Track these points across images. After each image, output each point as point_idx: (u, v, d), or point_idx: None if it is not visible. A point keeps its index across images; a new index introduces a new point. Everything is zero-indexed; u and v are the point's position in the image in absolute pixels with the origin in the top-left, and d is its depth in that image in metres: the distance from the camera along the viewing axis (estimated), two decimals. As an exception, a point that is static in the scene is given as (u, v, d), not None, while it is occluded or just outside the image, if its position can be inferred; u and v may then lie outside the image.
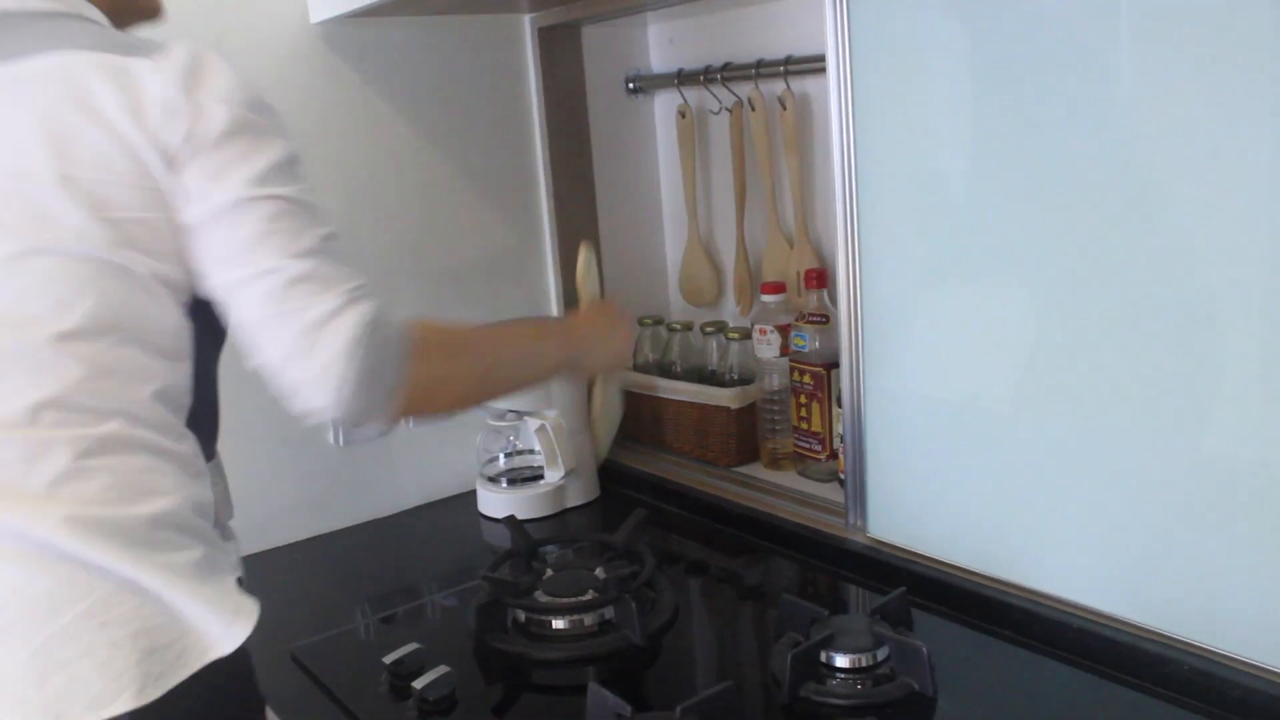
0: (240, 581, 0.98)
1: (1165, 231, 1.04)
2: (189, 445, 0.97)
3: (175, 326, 0.96)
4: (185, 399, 0.98)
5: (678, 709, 1.03)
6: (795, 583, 1.45)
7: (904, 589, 1.25)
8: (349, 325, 0.92)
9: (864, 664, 1.15)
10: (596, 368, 1.30)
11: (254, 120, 0.95)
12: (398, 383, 0.97)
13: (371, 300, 0.95)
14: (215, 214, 0.92)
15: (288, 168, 0.96)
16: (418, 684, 1.17)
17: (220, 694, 0.90)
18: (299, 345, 0.92)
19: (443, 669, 1.18)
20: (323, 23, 1.63)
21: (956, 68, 1.20)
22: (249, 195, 0.92)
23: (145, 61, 0.93)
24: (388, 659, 1.22)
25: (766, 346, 1.68)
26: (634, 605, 1.26)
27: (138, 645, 0.85)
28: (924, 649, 1.12)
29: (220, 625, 0.90)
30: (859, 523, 1.43)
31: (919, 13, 1.22)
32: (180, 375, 0.97)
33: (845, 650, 1.15)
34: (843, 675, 1.15)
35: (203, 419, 1.01)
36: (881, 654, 1.15)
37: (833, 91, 1.32)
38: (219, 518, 1.02)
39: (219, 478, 1.07)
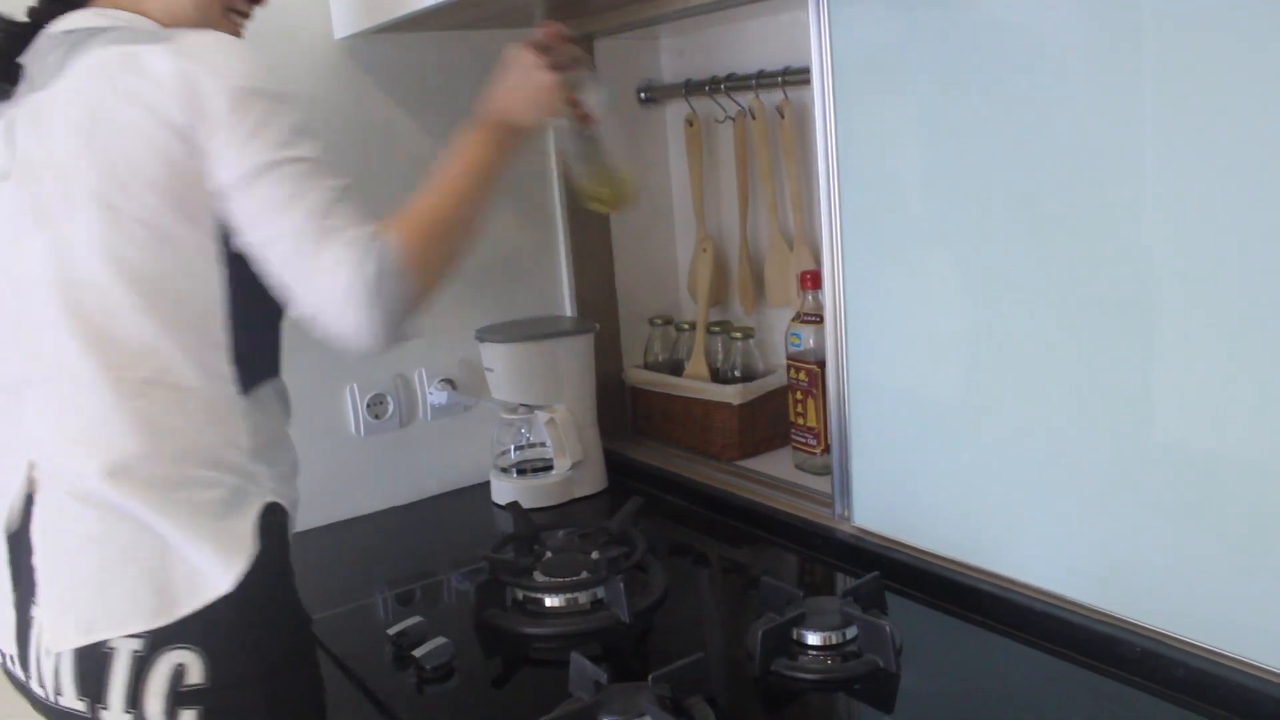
0: (273, 506, 1.09)
1: (1123, 230, 1.10)
2: (222, 383, 1.08)
3: (200, 274, 1.06)
4: (219, 337, 1.08)
5: (650, 677, 1.11)
6: (782, 568, 1.53)
7: (877, 573, 1.32)
8: (363, 278, 1.03)
9: (833, 641, 1.22)
10: (529, 120, 1.26)
11: (262, 91, 1.04)
12: (411, 298, 1.07)
13: (379, 243, 1.05)
14: (244, 178, 1.02)
15: (301, 130, 1.06)
16: (417, 653, 1.26)
17: (243, 617, 1.03)
18: (328, 300, 1.04)
19: (441, 640, 1.28)
20: (346, 38, 1.73)
21: (927, 80, 1.27)
22: (270, 159, 1.03)
23: (156, 46, 1.03)
24: (391, 630, 1.31)
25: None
26: (622, 586, 1.34)
27: (156, 581, 1.01)
28: (888, 628, 1.19)
29: (221, 566, 1.02)
30: (845, 512, 1.50)
31: (896, 28, 1.29)
32: (211, 319, 1.07)
33: (816, 628, 1.23)
34: (813, 652, 1.22)
35: (250, 353, 1.11)
36: (850, 633, 1.23)
37: (817, 102, 1.40)
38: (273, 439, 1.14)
39: (276, 402, 1.18)
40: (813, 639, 1.23)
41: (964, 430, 1.32)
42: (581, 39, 1.91)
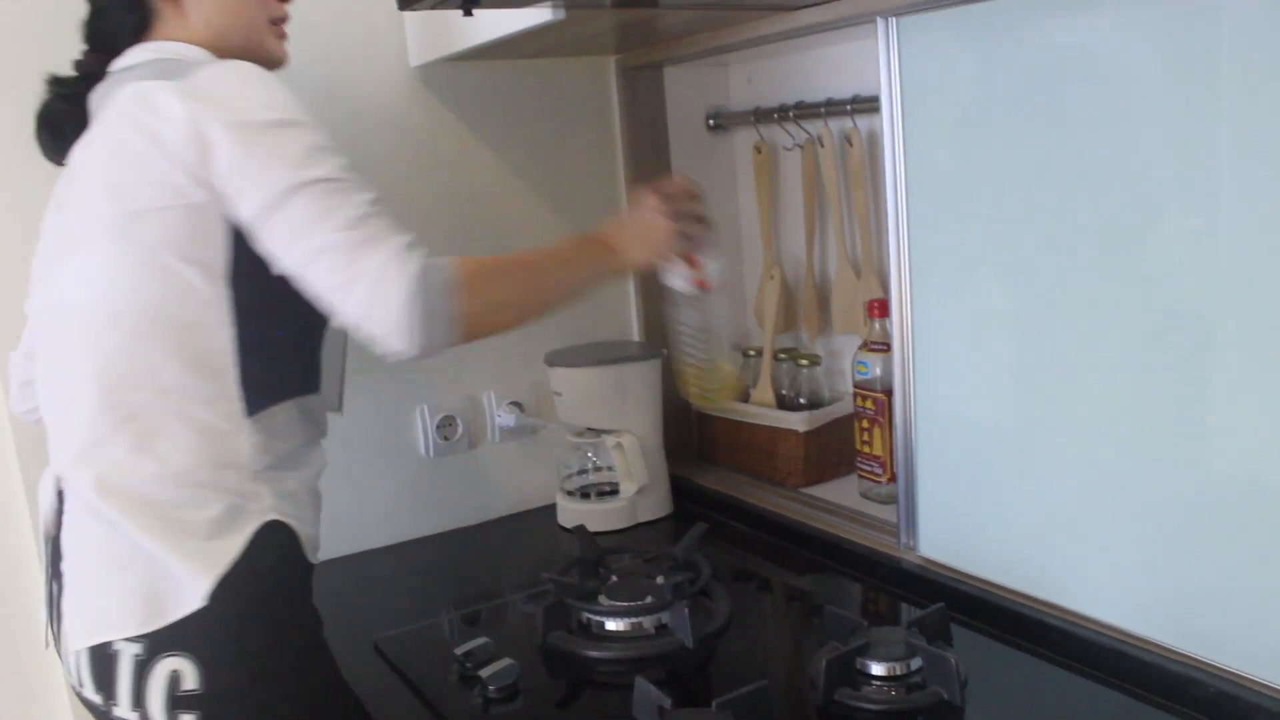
0: (275, 524, 1.14)
1: (1189, 259, 1.09)
2: (225, 405, 1.12)
3: (208, 303, 1.11)
4: (224, 362, 1.12)
5: (714, 703, 1.11)
6: (847, 597, 1.52)
7: (942, 604, 1.32)
8: (405, 279, 1.05)
9: (897, 672, 1.22)
10: (635, 256, 1.30)
11: (269, 122, 1.08)
12: (456, 315, 1.09)
13: (418, 251, 1.08)
14: (267, 207, 1.06)
15: (318, 150, 1.08)
16: (484, 673, 1.27)
17: (241, 630, 1.10)
18: (367, 305, 1.05)
19: (507, 661, 1.29)
20: (421, 66, 1.77)
21: (995, 108, 1.27)
22: (291, 184, 1.05)
23: (169, 84, 1.09)
24: (458, 650, 1.33)
25: (675, 276, 1.47)
26: (686, 611, 1.34)
27: (146, 590, 1.07)
28: (953, 660, 1.19)
29: (195, 580, 1.07)
30: (910, 542, 1.49)
31: (965, 56, 1.30)
32: (216, 345, 1.12)
33: (880, 659, 1.23)
34: (876, 682, 1.22)
35: (262, 376, 1.15)
36: (915, 664, 1.22)
37: (886, 130, 1.41)
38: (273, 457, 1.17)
39: (296, 421, 1.21)
40: (877, 669, 1.22)
41: (1031, 460, 1.31)
42: (651, 66, 1.94)
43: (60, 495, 1.15)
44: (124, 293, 1.09)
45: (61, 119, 1.21)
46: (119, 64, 1.18)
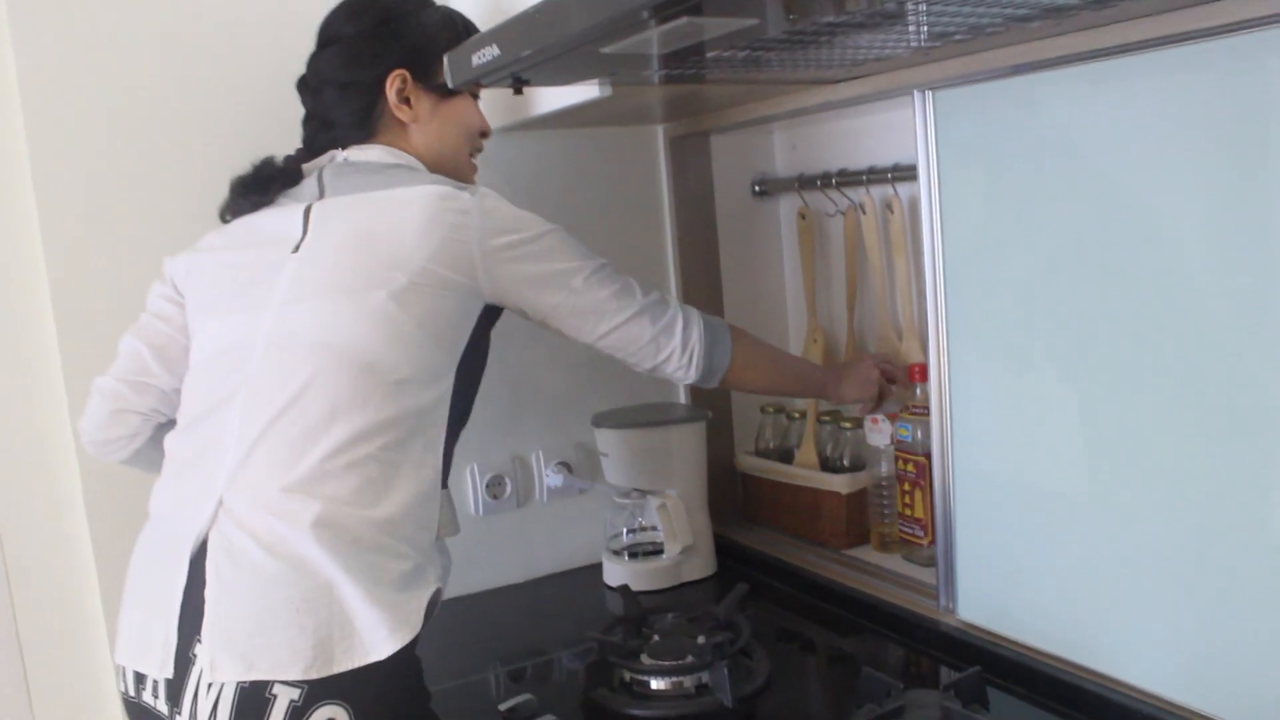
0: (438, 592, 1.24)
1: (1230, 323, 1.11)
2: (433, 473, 1.25)
3: (441, 378, 1.27)
4: (439, 434, 1.27)
5: (749, 762, 1.14)
6: (886, 659, 1.54)
7: (978, 668, 1.33)
8: (694, 318, 1.42)
9: (932, 736, 1.23)
10: (845, 392, 1.64)
11: (553, 231, 1.36)
12: (729, 352, 1.44)
13: (689, 309, 1.43)
14: (572, 295, 1.34)
15: (585, 248, 1.38)
16: (525, 730, 1.31)
17: (389, 680, 1.15)
18: (669, 353, 1.39)
19: (550, 718, 1.32)
20: (477, 136, 1.83)
21: (1033, 176, 1.31)
22: (588, 271, 1.36)
23: (463, 194, 1.30)
24: (502, 706, 1.37)
25: (878, 434, 1.78)
26: (726, 671, 1.37)
27: (318, 635, 1.11)
28: (987, 724, 1.20)
29: (384, 634, 1.13)
30: (949, 605, 1.51)
31: (1002, 125, 1.34)
32: (439, 418, 1.27)
33: (915, 721, 1.24)
34: (913, 746, 1.23)
35: (449, 455, 1.31)
36: (950, 727, 1.24)
37: (923, 198, 1.46)
38: (440, 535, 1.30)
39: (447, 502, 1.33)
40: (913, 732, 1.24)
41: (1070, 525, 1.32)
42: (698, 135, 1.99)
43: (215, 519, 1.17)
44: (384, 351, 1.21)
45: (245, 191, 1.37)
46: (350, 154, 1.39)
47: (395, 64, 1.39)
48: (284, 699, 1.09)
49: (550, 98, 1.54)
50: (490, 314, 1.35)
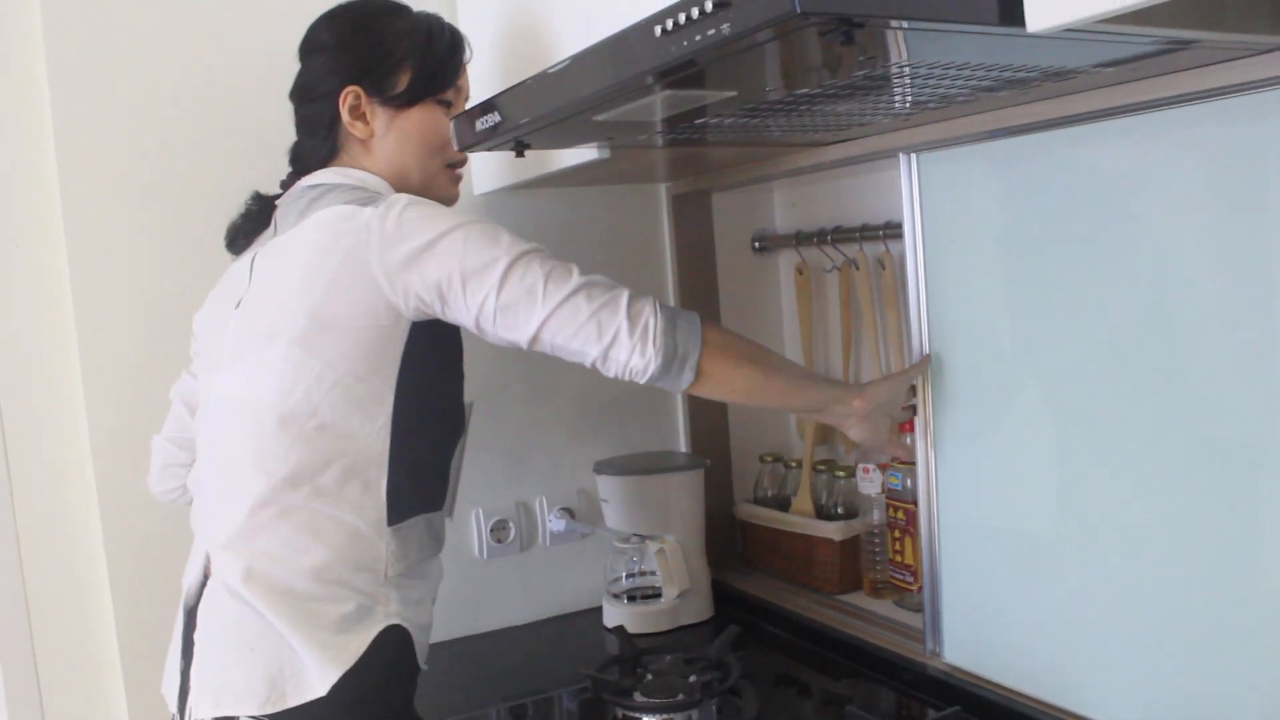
0: (395, 628, 1.25)
1: (1211, 378, 1.16)
2: (372, 513, 1.24)
3: (371, 418, 1.23)
4: (375, 474, 1.24)
5: (729, 795, 1.19)
6: (874, 701, 1.58)
7: (958, 708, 1.38)
8: (646, 301, 1.23)
9: (911, 773, 1.28)
10: (855, 431, 1.43)
11: (462, 221, 1.23)
12: (698, 335, 1.24)
13: (646, 295, 1.25)
14: (495, 288, 1.20)
15: (516, 238, 1.25)
16: (519, 763, 1.36)
17: (359, 716, 1.20)
18: (614, 331, 1.21)
19: (543, 753, 1.38)
20: (485, 194, 1.91)
21: (1019, 234, 1.37)
22: (508, 261, 1.21)
23: (371, 210, 1.21)
24: (498, 742, 1.42)
25: (869, 483, 1.83)
26: (714, 709, 1.42)
27: (269, 672, 1.17)
28: (963, 761, 1.25)
29: (321, 671, 1.17)
30: (935, 648, 1.56)
31: (984, 187, 1.41)
32: (372, 457, 1.24)
33: (894, 758, 1.29)
34: (892, 782, 1.28)
35: (405, 490, 1.27)
36: (928, 765, 1.28)
37: (909, 255, 1.53)
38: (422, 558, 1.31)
39: (424, 534, 1.33)
40: (892, 769, 1.29)
41: (1054, 570, 1.37)
42: (699, 193, 2.07)
43: (206, 571, 1.25)
44: (298, 399, 1.21)
45: (232, 237, 1.40)
46: (308, 180, 1.34)
47: (349, 79, 1.34)
48: None
49: (553, 158, 1.62)
50: (431, 326, 1.26)
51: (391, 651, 1.23)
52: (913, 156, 1.51)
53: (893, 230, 1.79)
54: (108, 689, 1.73)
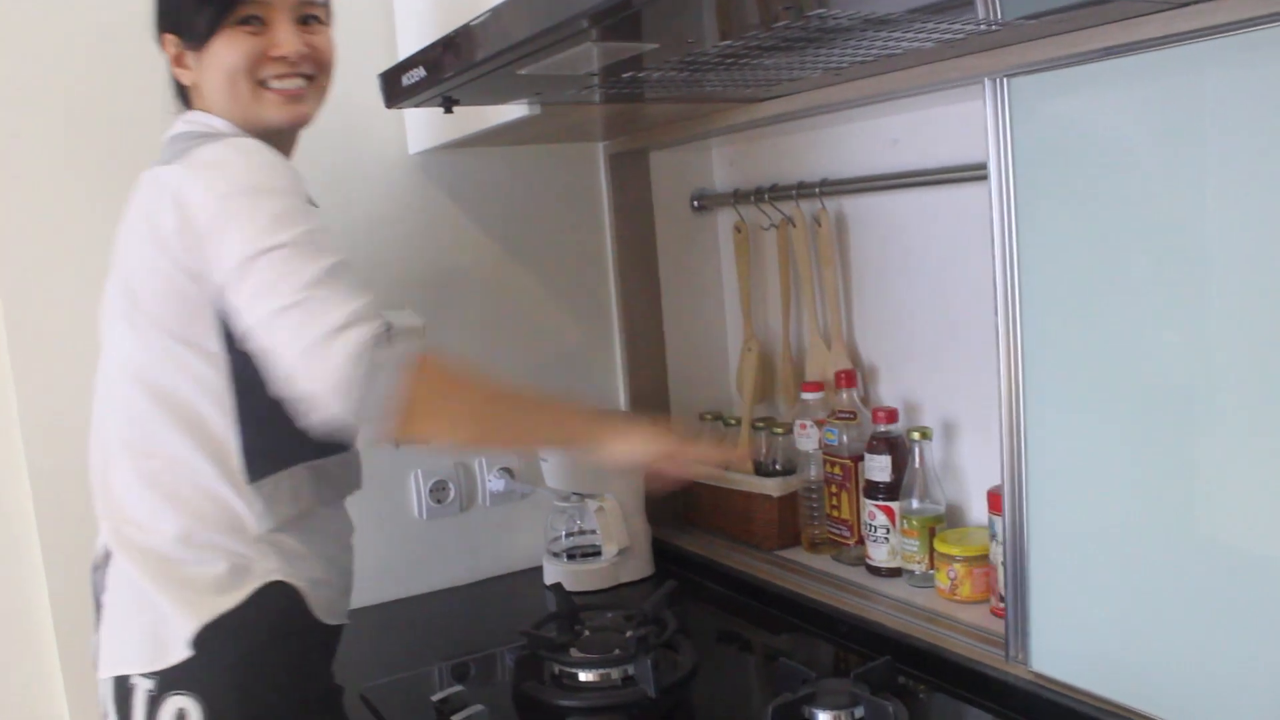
0: (279, 584, 1.23)
1: None
2: (229, 473, 1.22)
3: (205, 379, 1.20)
4: (225, 434, 1.21)
5: (662, 745, 1.20)
6: (809, 652, 1.60)
7: (888, 657, 1.40)
8: (352, 339, 1.05)
9: (842, 720, 1.30)
10: (609, 458, 1.23)
11: (242, 189, 1.13)
12: (396, 394, 1.07)
13: (373, 321, 1.08)
14: (232, 276, 1.10)
15: (284, 217, 1.11)
16: (454, 719, 1.36)
17: (248, 676, 1.20)
18: (308, 358, 1.06)
19: (478, 707, 1.38)
20: (420, 153, 1.90)
21: (1116, 171, 1.17)
22: (251, 252, 1.09)
23: (169, 168, 1.17)
24: (434, 698, 1.42)
25: (806, 439, 1.84)
26: (649, 663, 1.43)
27: (152, 630, 1.19)
28: (890, 708, 1.27)
29: (182, 627, 1.18)
30: (867, 604, 1.58)
31: (1079, 121, 1.21)
32: (217, 419, 1.20)
33: (825, 707, 1.30)
34: (824, 730, 1.30)
35: (263, 445, 1.23)
36: (858, 712, 1.30)
37: (995, 197, 1.30)
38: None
39: (306, 486, 1.28)
40: (822, 717, 1.30)
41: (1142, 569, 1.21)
42: (637, 152, 2.06)
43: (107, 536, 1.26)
44: (137, 368, 1.21)
45: None
46: (167, 133, 1.28)
47: (164, 28, 1.28)
48: (141, 689, 1.18)
49: (485, 116, 1.60)
50: None
51: (275, 608, 1.22)
52: (1002, 81, 1.27)
53: (829, 187, 1.80)
54: (43, 661, 1.71)
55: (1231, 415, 1.09)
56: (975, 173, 1.48)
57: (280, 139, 1.29)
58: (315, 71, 1.29)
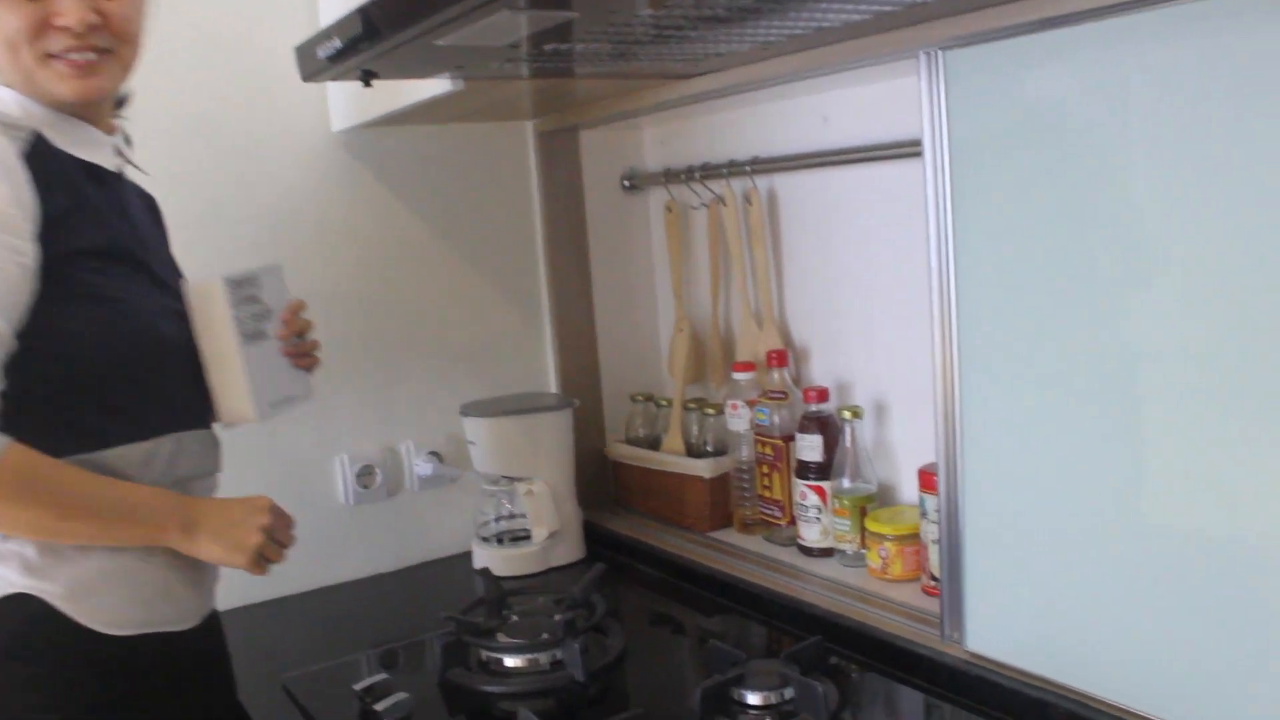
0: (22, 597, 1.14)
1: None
2: None
3: None
4: None
5: (588, 731, 1.18)
6: (741, 634, 1.59)
7: (819, 637, 1.39)
8: None
9: (771, 701, 1.28)
10: (209, 556, 1.21)
11: None
12: None
13: None
14: None
15: None
16: (379, 707, 1.33)
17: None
18: None
19: (402, 695, 1.35)
20: (343, 131, 1.85)
21: (1055, 151, 1.15)
22: None
23: None
24: (357, 686, 1.39)
25: (738, 420, 1.83)
26: (578, 647, 1.41)
27: None
28: (820, 689, 1.26)
29: None
30: (799, 584, 1.57)
31: (1016, 95, 1.18)
32: None
33: (754, 688, 1.29)
34: (753, 711, 1.28)
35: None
36: (787, 693, 1.29)
37: (929, 175, 1.27)
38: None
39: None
40: (752, 699, 1.29)
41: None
42: (567, 130, 2.03)
43: None
44: None
45: None
46: None
47: None
48: None
49: (407, 91, 1.56)
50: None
51: (13, 620, 1.13)
52: (936, 54, 1.24)
53: (761, 165, 1.79)
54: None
55: (1168, 393, 1.08)
56: (909, 149, 1.48)
57: (86, 111, 1.21)
58: (112, 44, 1.18)
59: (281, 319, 1.36)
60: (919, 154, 1.29)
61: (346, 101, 1.80)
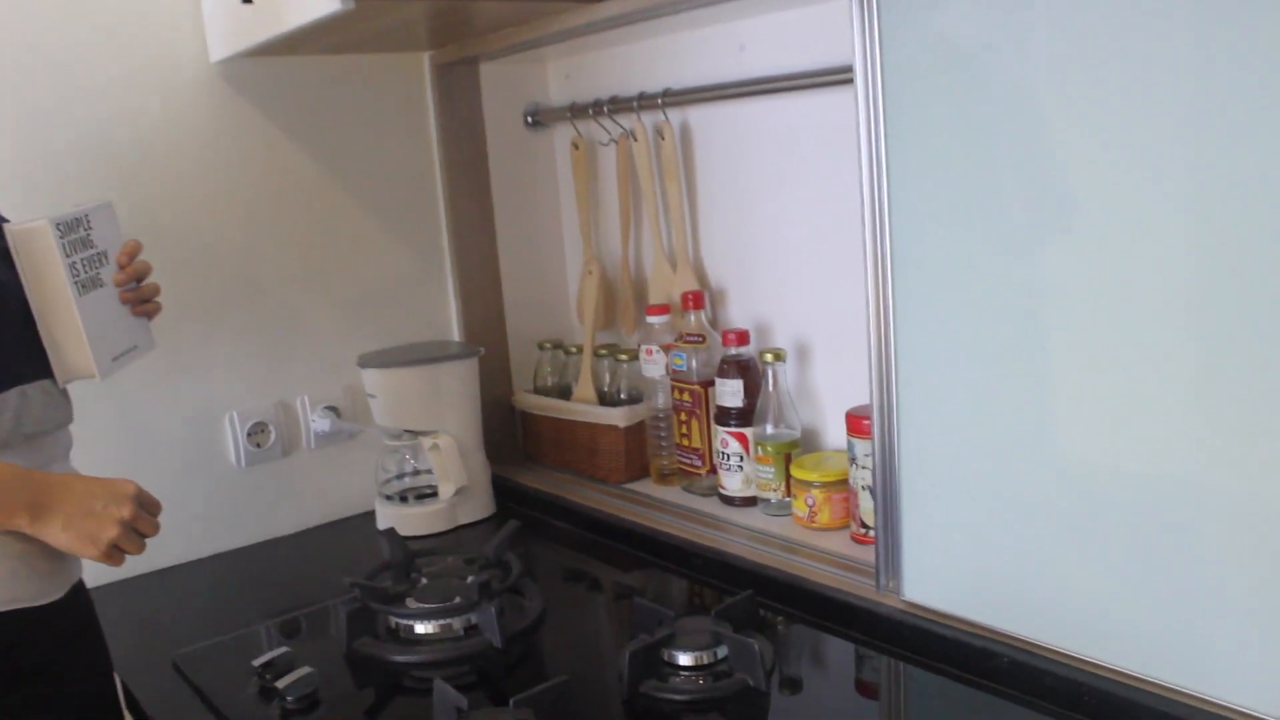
0: None
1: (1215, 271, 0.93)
2: None
3: None
4: None
5: (511, 701, 1.09)
6: (663, 590, 1.52)
7: (750, 592, 1.32)
8: None
9: (703, 661, 1.22)
10: (59, 542, 1.10)
11: None
12: None
13: None
14: None
15: None
16: (280, 684, 1.23)
17: None
18: None
19: (306, 670, 1.25)
20: (222, 61, 1.70)
21: (998, 81, 1.07)
22: None
23: None
24: (256, 661, 1.28)
25: (653, 366, 1.75)
26: (493, 610, 1.32)
27: None
28: (756, 647, 1.19)
29: None
30: (723, 535, 1.50)
31: (951, 20, 1.11)
32: None
33: (685, 648, 1.22)
34: (684, 673, 1.21)
35: None
36: (720, 652, 1.22)
37: (862, 104, 1.19)
38: None
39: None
40: (683, 659, 1.22)
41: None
42: (466, 62, 1.91)
43: None
44: None
45: None
46: None
47: None
48: None
49: (290, 13, 1.43)
50: None
51: None
52: None
53: (672, 97, 1.69)
54: None
55: (1102, 334, 1.03)
56: (832, 77, 1.40)
57: None
58: None
59: (118, 263, 1.24)
60: (842, 83, 1.21)
61: (226, 27, 1.65)
